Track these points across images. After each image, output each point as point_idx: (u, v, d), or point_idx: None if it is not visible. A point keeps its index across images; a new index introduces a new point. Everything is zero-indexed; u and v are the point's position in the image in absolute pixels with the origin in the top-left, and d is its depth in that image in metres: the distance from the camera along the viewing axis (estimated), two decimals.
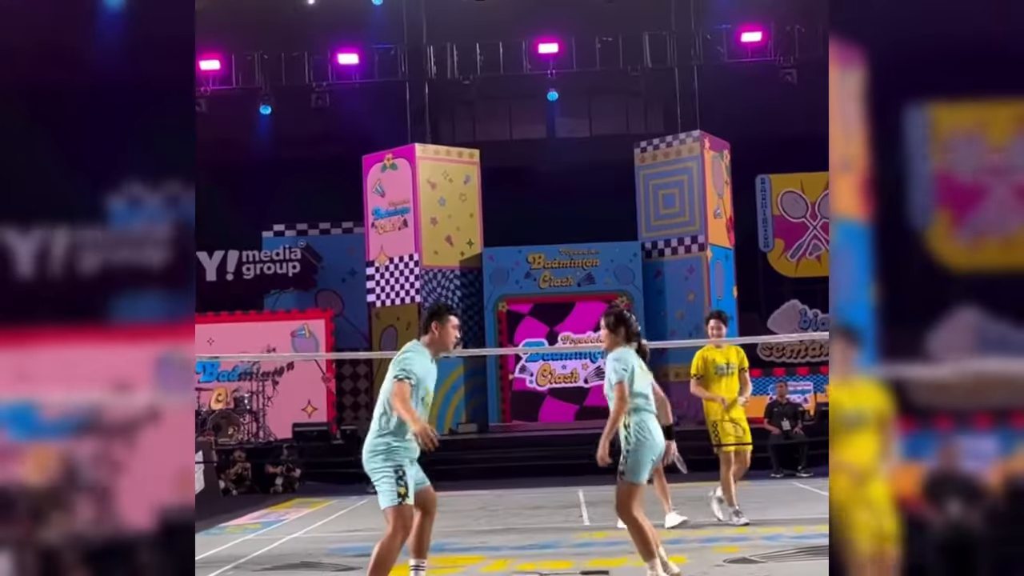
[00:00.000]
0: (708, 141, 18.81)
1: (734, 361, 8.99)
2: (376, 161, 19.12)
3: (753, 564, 6.99)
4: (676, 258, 18.82)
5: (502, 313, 18.64)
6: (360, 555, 8.18)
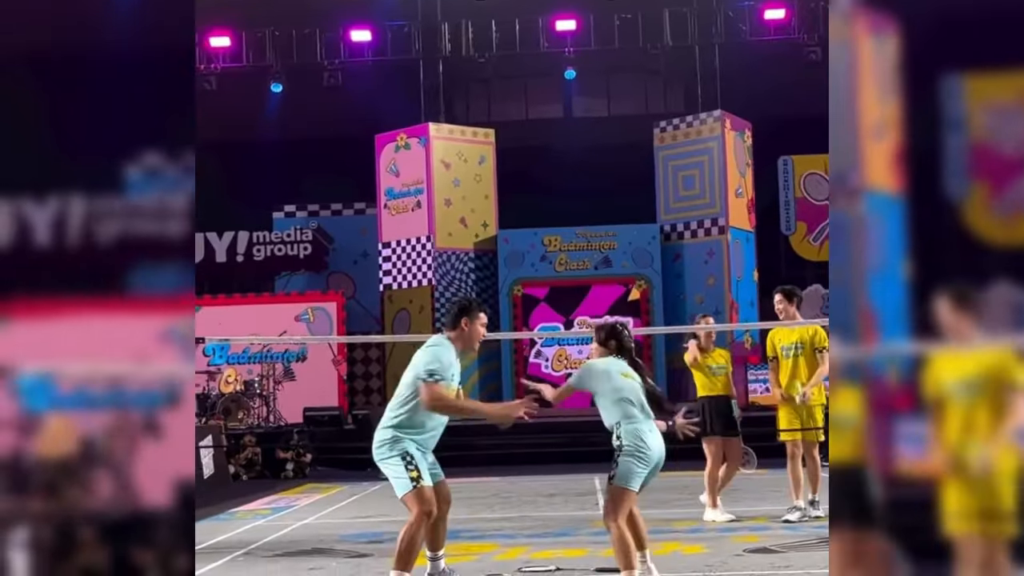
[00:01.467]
0: (729, 121, 18.75)
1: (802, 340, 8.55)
2: (389, 141, 19.14)
3: (774, 554, 6.99)
4: (696, 241, 18.80)
5: (517, 297, 18.67)
6: (372, 541, 8.24)
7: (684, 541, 7.64)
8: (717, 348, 9.00)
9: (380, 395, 19.13)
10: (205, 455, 13.14)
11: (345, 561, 7.41)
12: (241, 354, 18.37)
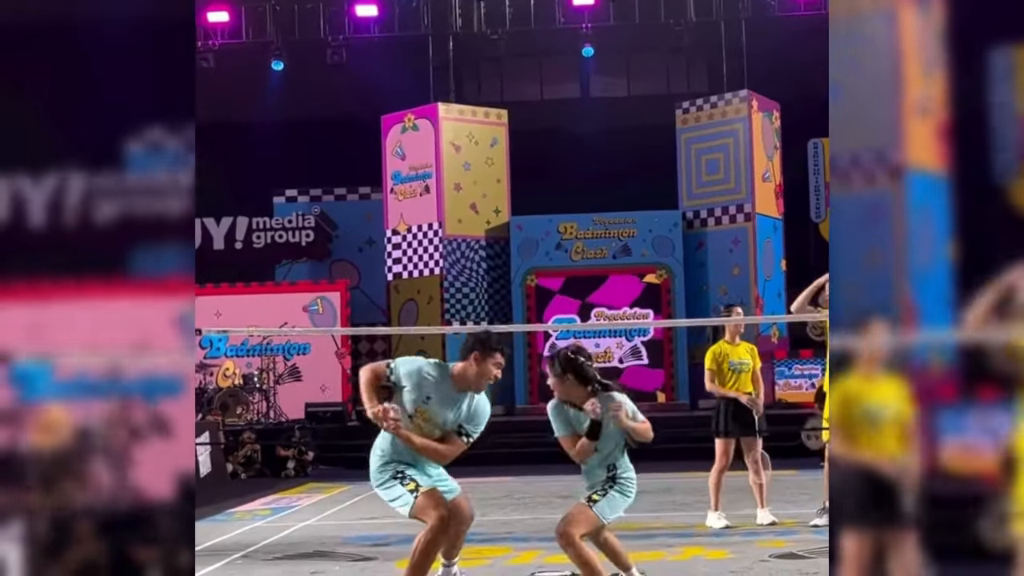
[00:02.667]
0: (756, 101, 18.69)
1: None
2: (396, 122, 19.14)
3: (801, 560, 6.98)
4: (720, 228, 18.76)
5: (531, 287, 18.66)
6: (377, 544, 8.26)
7: (707, 546, 7.65)
8: (743, 343, 8.95)
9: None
10: (202, 452, 13.19)
11: (349, 565, 7.43)
12: (240, 346, 18.41)
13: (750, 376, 8.82)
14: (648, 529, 8.65)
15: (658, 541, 7.98)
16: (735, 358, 8.78)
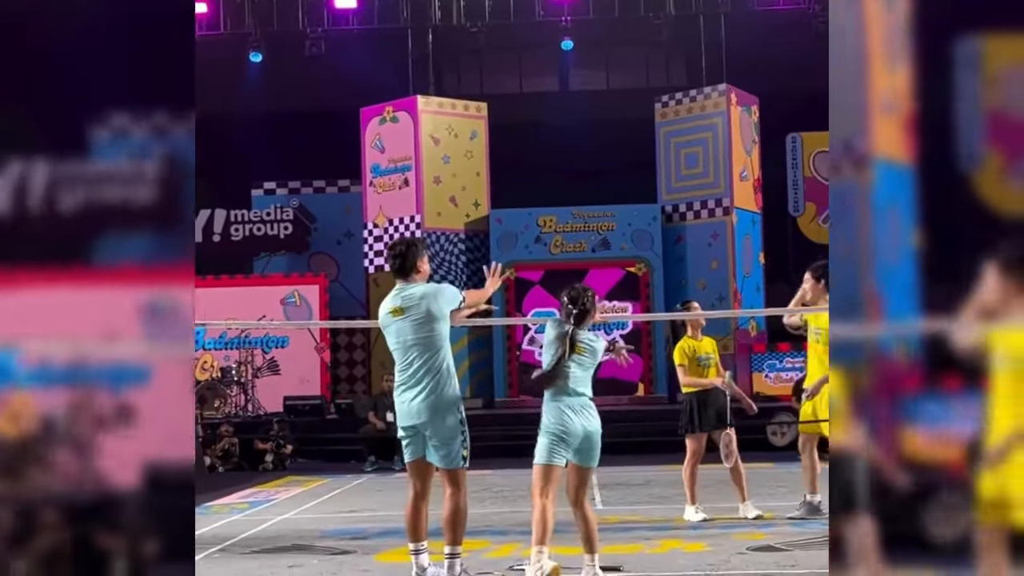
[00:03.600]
0: (735, 95, 18.74)
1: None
2: (375, 114, 19.10)
3: (778, 552, 7.02)
4: (699, 222, 18.81)
5: (510, 280, 18.65)
6: (356, 538, 8.27)
7: (685, 539, 7.68)
8: (705, 337, 8.95)
9: (364, 383, 19.15)
10: None
11: (327, 559, 7.43)
12: (218, 339, 18.36)
13: (715, 369, 8.88)
14: (626, 522, 8.68)
15: (636, 534, 8.01)
16: (702, 352, 8.83)
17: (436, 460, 6.04)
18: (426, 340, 6.03)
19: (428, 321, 6.02)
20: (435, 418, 5.98)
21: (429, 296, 6.08)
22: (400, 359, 6.14)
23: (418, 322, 6.03)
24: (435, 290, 6.14)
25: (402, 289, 6.17)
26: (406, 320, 6.07)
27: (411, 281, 6.17)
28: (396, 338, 6.14)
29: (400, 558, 7.17)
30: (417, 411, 6.01)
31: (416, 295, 6.10)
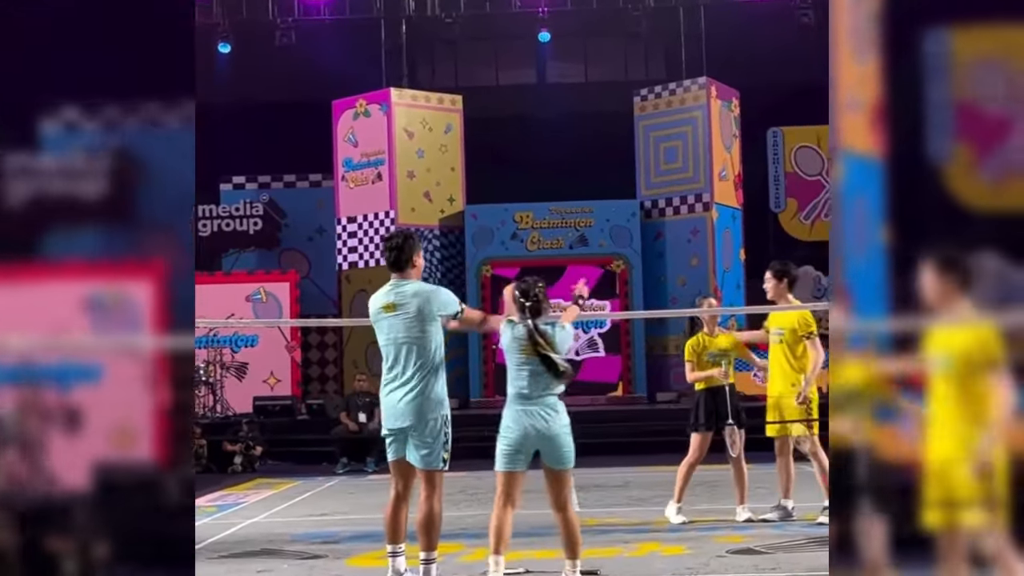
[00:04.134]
0: (715, 89, 18.80)
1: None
2: (347, 107, 19.05)
3: (759, 555, 7.06)
4: (678, 218, 18.86)
5: (486, 278, 18.68)
6: (327, 542, 8.26)
7: (664, 542, 7.71)
8: (721, 333, 8.97)
9: (336, 383, 19.11)
10: None
11: (297, 563, 7.42)
12: None
13: (731, 366, 8.85)
14: (604, 525, 8.71)
15: (615, 537, 8.04)
16: (713, 348, 8.81)
17: (415, 460, 6.04)
18: (417, 339, 6.03)
19: (419, 321, 6.03)
20: (420, 419, 5.99)
21: (422, 296, 6.09)
22: (389, 357, 6.14)
23: (409, 320, 6.04)
24: (429, 291, 6.14)
25: (396, 285, 6.18)
26: (397, 317, 6.08)
27: (406, 276, 6.18)
28: (387, 335, 6.13)
29: (372, 562, 7.17)
30: (403, 413, 6.01)
31: (408, 292, 6.11)
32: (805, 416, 8.30)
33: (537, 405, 5.97)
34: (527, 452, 5.97)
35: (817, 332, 8.47)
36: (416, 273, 6.21)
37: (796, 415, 8.28)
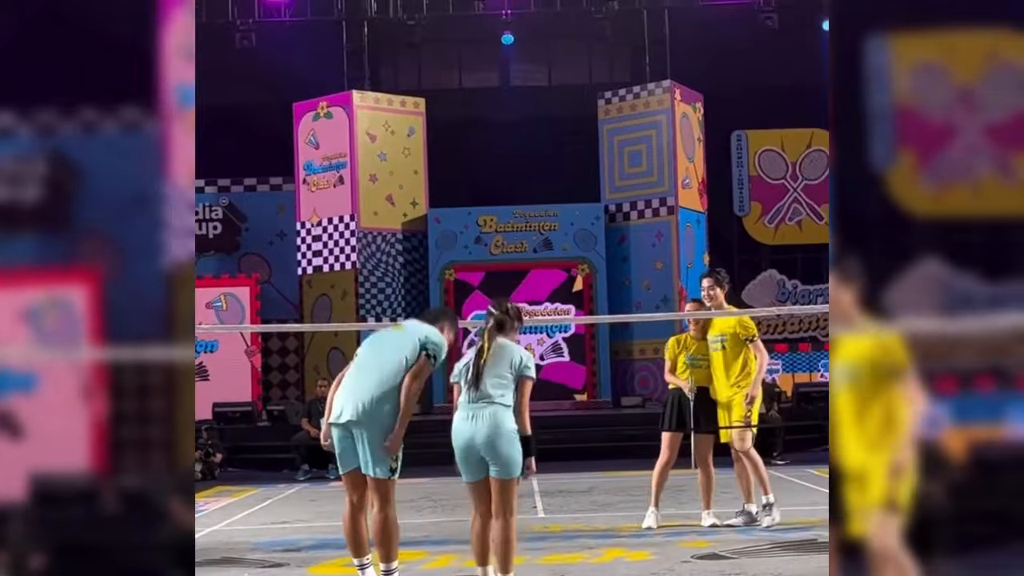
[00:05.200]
0: (679, 92, 18.89)
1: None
2: (308, 109, 18.98)
3: (724, 560, 7.07)
4: (643, 222, 18.94)
5: (449, 282, 18.67)
6: (288, 550, 8.21)
7: (628, 547, 7.71)
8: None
9: (297, 389, 19.03)
10: None
11: (258, 572, 7.37)
12: None
13: (711, 371, 8.66)
14: (569, 530, 8.71)
15: (578, 543, 8.04)
16: (694, 352, 8.79)
17: (366, 469, 6.01)
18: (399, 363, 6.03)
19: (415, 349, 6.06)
20: (371, 421, 5.96)
21: (434, 335, 6.18)
22: (363, 361, 6.15)
23: (404, 345, 6.08)
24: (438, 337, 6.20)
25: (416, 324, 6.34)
26: (400, 334, 6.18)
27: (439, 328, 6.34)
28: (374, 347, 6.20)
29: (335, 570, 7.14)
30: (357, 409, 5.98)
31: (425, 327, 6.23)
32: (746, 415, 8.30)
33: (481, 410, 5.92)
34: (477, 459, 5.91)
35: (758, 335, 8.47)
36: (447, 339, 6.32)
37: (741, 414, 8.30)
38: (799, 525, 8.38)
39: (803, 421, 16.04)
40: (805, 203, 20.74)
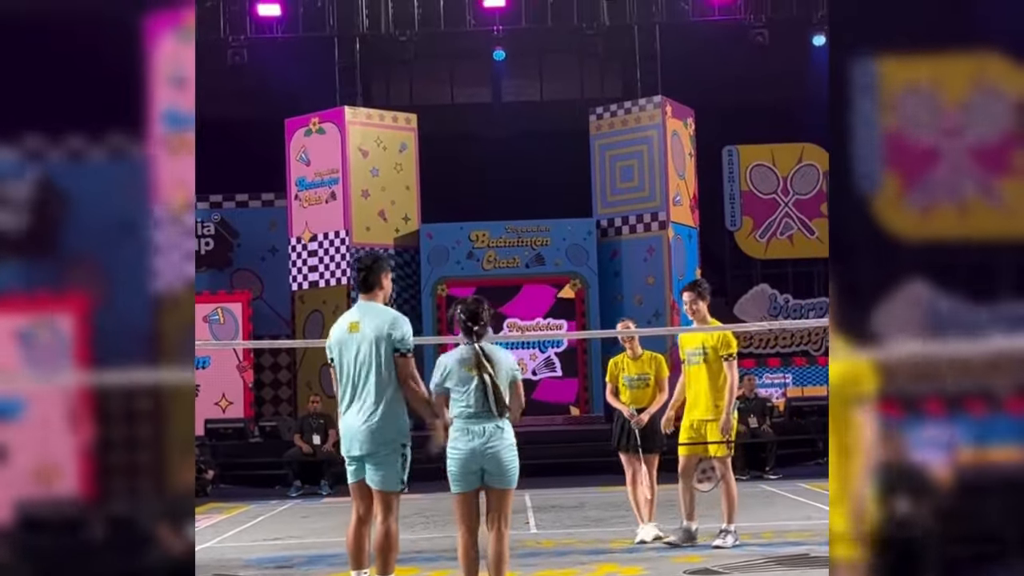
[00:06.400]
0: (670, 108, 18.94)
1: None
2: (300, 125, 19.00)
3: (717, 575, 7.11)
4: (634, 237, 18.96)
5: (441, 297, 18.66)
6: (281, 566, 8.21)
7: (621, 563, 7.73)
8: (646, 353, 8.90)
9: (290, 405, 18.99)
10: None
11: None
12: None
13: (652, 389, 8.78)
14: (561, 546, 8.73)
15: (571, 558, 8.05)
16: (629, 372, 8.80)
17: (373, 482, 6.01)
18: (376, 361, 6.00)
19: (379, 341, 6.00)
20: (378, 444, 5.96)
21: (387, 319, 6.08)
22: (349, 378, 6.10)
23: (370, 340, 6.01)
24: (393, 318, 6.12)
25: (362, 306, 6.20)
26: (360, 335, 6.06)
27: (373, 297, 6.21)
28: (349, 355, 6.10)
29: None
30: (363, 439, 5.97)
31: (374, 311, 6.12)
32: (724, 439, 8.24)
33: (482, 424, 5.96)
34: (475, 472, 5.95)
35: (736, 354, 8.33)
36: (383, 294, 6.23)
37: (718, 438, 8.22)
38: (792, 540, 8.38)
39: (795, 436, 16.05)
40: (796, 217, 20.80)
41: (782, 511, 10.43)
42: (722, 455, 8.26)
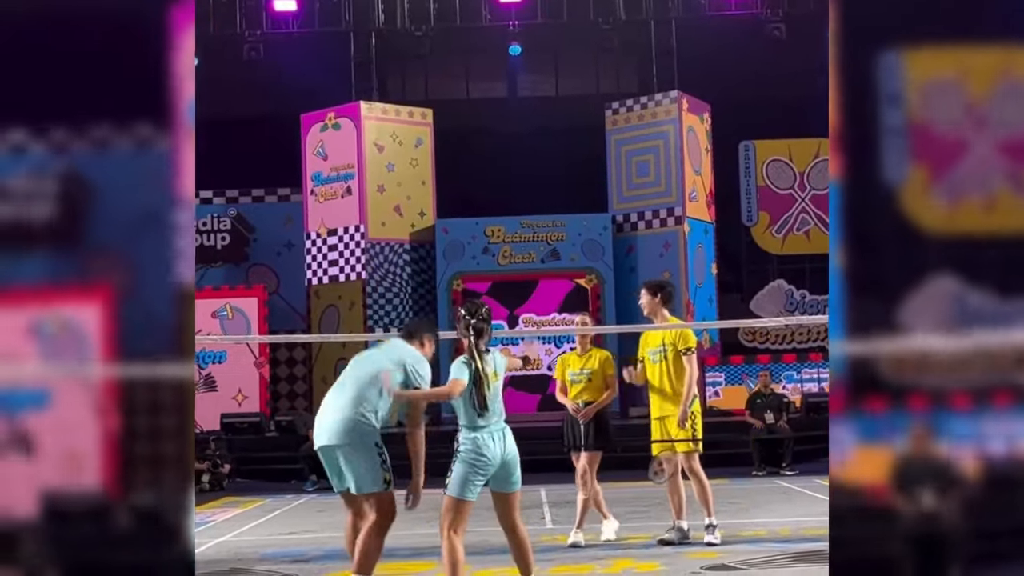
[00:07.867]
0: (687, 103, 18.90)
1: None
2: (316, 120, 19.02)
3: (734, 571, 7.08)
4: (650, 232, 18.93)
5: (457, 292, 18.67)
6: (297, 560, 8.23)
7: (637, 558, 7.72)
8: (595, 351, 8.80)
9: (306, 400, 19.03)
10: None
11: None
12: None
13: (595, 385, 8.63)
14: (577, 542, 8.71)
15: (588, 554, 8.04)
16: (574, 368, 8.70)
17: (351, 483, 5.95)
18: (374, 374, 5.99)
19: (395, 365, 6.01)
20: (350, 440, 5.88)
21: (416, 356, 6.13)
22: (342, 377, 6.10)
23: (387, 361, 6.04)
24: (421, 358, 6.15)
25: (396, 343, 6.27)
26: (382, 355, 6.13)
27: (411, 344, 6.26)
28: (358, 363, 6.17)
29: None
30: (334, 430, 5.92)
31: (407, 350, 6.16)
32: (690, 434, 8.19)
33: (497, 429, 5.96)
34: (486, 477, 5.92)
35: (695, 349, 8.28)
36: (422, 352, 6.24)
37: (682, 435, 8.19)
38: (808, 536, 8.36)
39: (812, 431, 15.99)
40: (813, 213, 20.72)
41: (799, 507, 10.39)
42: (687, 451, 8.18)
